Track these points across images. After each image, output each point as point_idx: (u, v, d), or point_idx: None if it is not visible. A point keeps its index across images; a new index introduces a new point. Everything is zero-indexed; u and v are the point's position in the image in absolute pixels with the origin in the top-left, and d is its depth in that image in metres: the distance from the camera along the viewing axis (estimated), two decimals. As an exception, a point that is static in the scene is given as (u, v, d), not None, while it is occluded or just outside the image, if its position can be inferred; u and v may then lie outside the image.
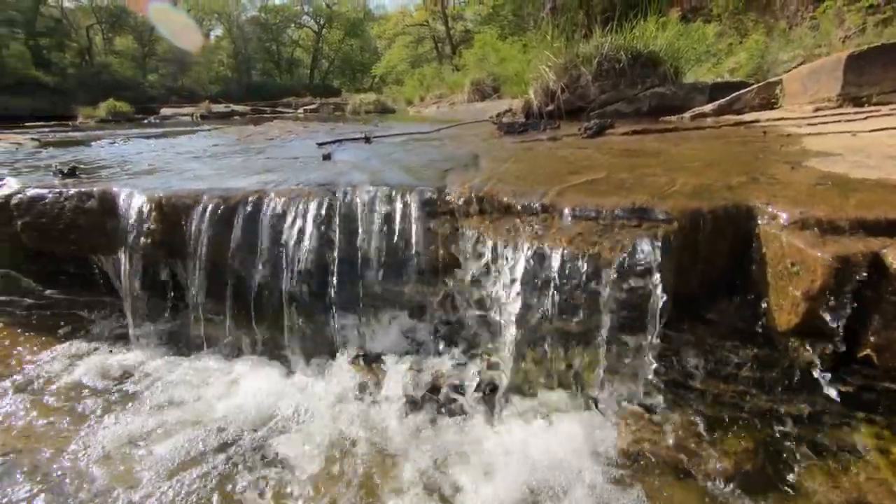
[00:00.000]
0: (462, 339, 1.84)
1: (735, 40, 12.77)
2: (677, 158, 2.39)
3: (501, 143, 3.34)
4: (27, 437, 1.67)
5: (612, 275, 1.51)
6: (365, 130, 4.85)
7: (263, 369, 1.95)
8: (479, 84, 12.98)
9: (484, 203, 1.88)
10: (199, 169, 2.66)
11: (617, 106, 5.62)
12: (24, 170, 2.66)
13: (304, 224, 1.94)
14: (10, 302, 2.50)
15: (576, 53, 5.67)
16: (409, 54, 26.81)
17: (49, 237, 2.19)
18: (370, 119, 12.17)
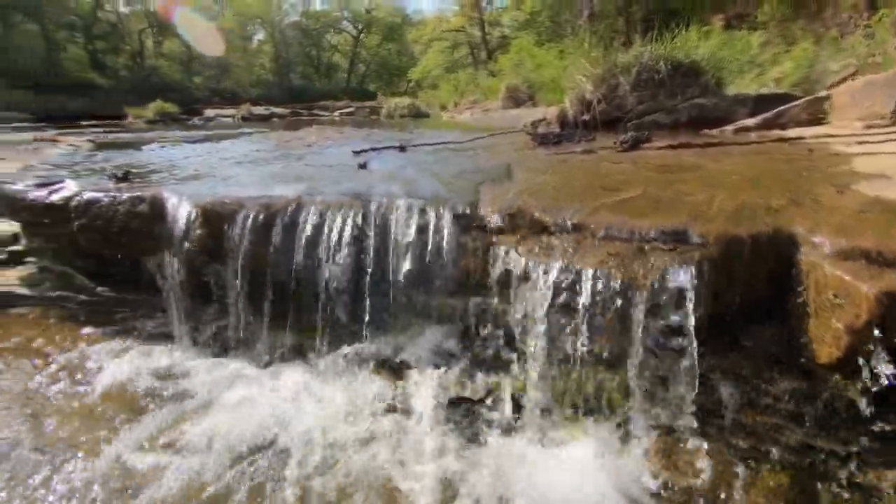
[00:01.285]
0: (490, 355, 1.85)
1: (781, 49, 12.32)
2: (716, 176, 2.34)
3: (535, 155, 3.34)
4: (77, 425, 1.78)
5: (644, 298, 1.49)
6: (400, 138, 4.93)
7: (295, 373, 2.01)
8: (514, 90, 12.94)
9: (516, 219, 1.89)
10: (242, 175, 2.77)
11: (655, 117, 5.51)
12: (82, 172, 2.83)
13: (340, 234, 2.00)
14: (65, 297, 2.66)
15: (614, 63, 5.60)
16: (445, 59, 26.98)
17: (103, 238, 2.33)
18: (404, 124, 12.31)
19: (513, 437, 1.62)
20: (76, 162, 3.22)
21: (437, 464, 1.53)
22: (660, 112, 5.52)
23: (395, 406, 1.75)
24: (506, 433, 1.63)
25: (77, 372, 2.15)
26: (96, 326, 2.48)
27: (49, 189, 2.44)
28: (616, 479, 1.42)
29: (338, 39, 39.41)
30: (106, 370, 2.13)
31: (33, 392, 2.01)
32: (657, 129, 5.29)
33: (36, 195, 2.42)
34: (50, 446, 1.69)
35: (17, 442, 1.71)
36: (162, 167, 3.03)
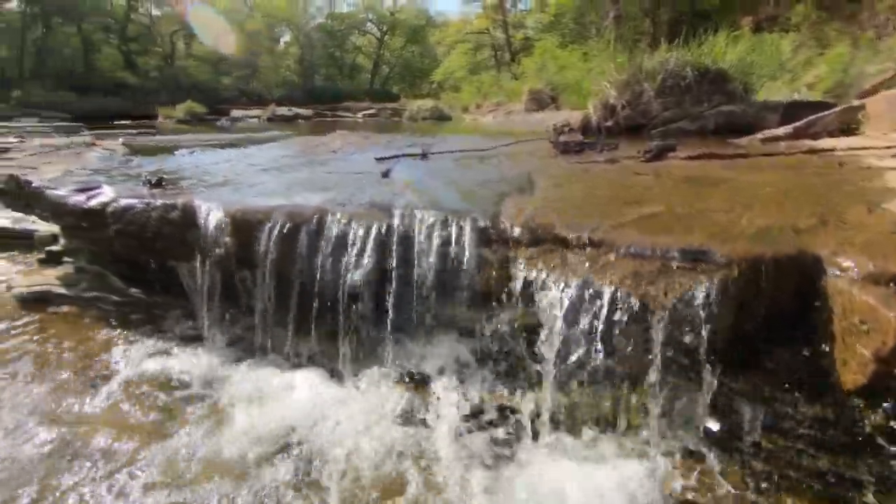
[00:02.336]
0: (508, 367, 1.87)
1: (815, 52, 11.99)
2: (742, 191, 2.31)
3: (557, 164, 3.34)
4: (108, 424, 1.87)
5: (664, 318, 1.49)
6: (422, 143, 4.98)
7: (318, 379, 2.07)
8: (537, 93, 12.89)
9: (537, 233, 1.90)
10: (268, 182, 2.85)
11: (680, 124, 5.44)
12: (118, 178, 2.95)
13: (363, 244, 2.04)
14: (100, 298, 2.77)
15: (639, 69, 5.55)
16: (468, 61, 27.01)
17: (137, 243, 2.43)
18: (426, 128, 12.38)
19: (529, 451, 1.63)
20: (112, 167, 3.35)
21: (456, 475, 1.56)
22: (685, 119, 5.44)
23: (414, 416, 1.79)
24: (523, 447, 1.65)
25: (107, 372, 2.24)
26: (129, 328, 2.58)
27: (88, 195, 2.55)
28: (631, 499, 1.42)
29: (362, 41, 39.85)
30: (135, 371, 2.21)
31: (66, 394, 2.10)
32: (682, 136, 5.21)
33: (76, 200, 2.53)
34: (82, 449, 1.77)
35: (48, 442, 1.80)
36: (193, 173, 3.14)
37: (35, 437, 1.80)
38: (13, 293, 2.88)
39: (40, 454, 1.71)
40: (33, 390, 2.09)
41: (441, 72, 27.59)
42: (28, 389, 2.10)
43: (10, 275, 3.36)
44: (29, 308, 2.83)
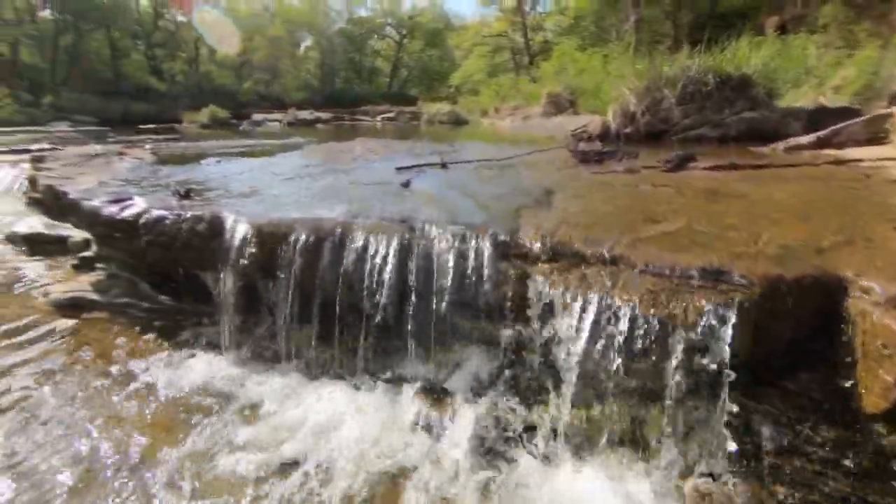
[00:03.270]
0: (526, 382, 1.90)
1: (843, 54, 11.72)
2: (764, 205, 2.29)
3: (576, 175, 3.34)
4: (135, 426, 1.95)
5: (682, 337, 1.50)
6: (441, 151, 5.02)
7: (337, 388, 2.12)
8: (556, 97, 12.86)
9: (555, 249, 1.92)
10: (292, 193, 2.92)
11: (702, 130, 5.38)
12: (148, 188, 3.06)
13: (384, 258, 2.09)
14: (131, 304, 2.88)
15: (659, 76, 5.51)
16: (486, 64, 27.01)
17: (167, 253, 2.52)
18: (444, 132, 12.43)
19: (547, 467, 1.65)
20: (142, 177, 3.47)
21: (471, 487, 1.59)
22: (706, 126, 5.39)
23: (430, 428, 1.82)
24: (538, 462, 1.67)
25: (134, 377, 2.33)
26: (157, 334, 2.67)
27: (120, 206, 2.65)
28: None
29: (381, 45, 40.24)
30: (162, 378, 2.30)
31: (98, 396, 2.19)
32: (703, 143, 5.16)
33: (109, 211, 2.64)
34: (116, 451, 1.85)
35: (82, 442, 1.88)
36: (219, 183, 3.23)
37: (77, 434, 1.89)
38: (50, 298, 3.01)
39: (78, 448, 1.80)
40: (68, 392, 2.19)
41: (459, 75, 27.63)
42: (63, 390, 2.21)
43: (47, 280, 3.51)
44: (64, 313, 2.95)
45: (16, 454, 1.82)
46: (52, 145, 7.03)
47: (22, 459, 1.79)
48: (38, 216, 4.35)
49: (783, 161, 3.52)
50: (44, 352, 2.54)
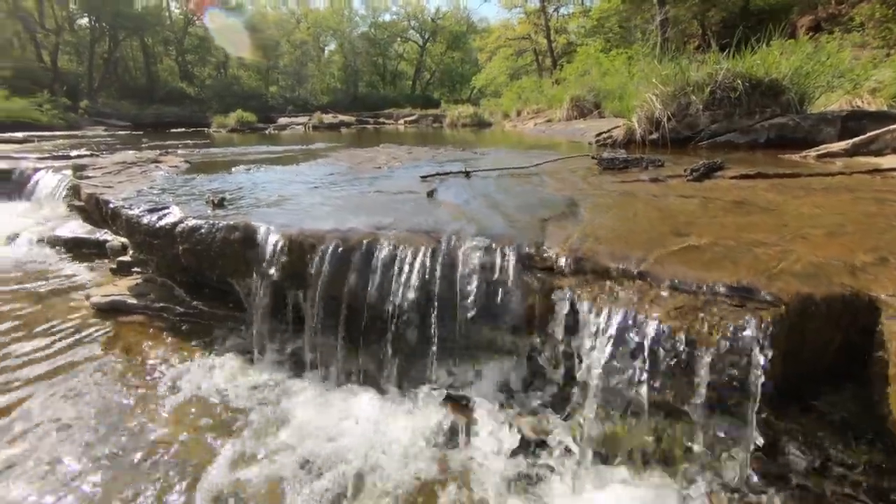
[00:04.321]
0: (549, 395, 1.91)
1: (881, 54, 11.35)
2: (794, 219, 2.26)
3: (600, 184, 3.34)
4: (169, 426, 2.03)
5: (709, 355, 1.50)
6: (464, 158, 5.07)
7: (364, 397, 2.17)
8: (579, 100, 12.79)
9: (580, 263, 1.94)
10: (320, 203, 2.99)
11: (730, 136, 5.30)
12: (184, 197, 3.18)
13: (410, 269, 2.13)
14: (166, 308, 3.00)
15: (686, 81, 5.44)
16: (509, 66, 27.01)
17: (202, 261, 2.62)
18: (467, 136, 12.47)
19: (568, 480, 1.67)
20: (177, 185, 3.60)
21: (495, 499, 1.62)
22: (735, 132, 5.30)
23: (455, 438, 1.86)
24: (562, 476, 1.68)
25: (169, 380, 2.43)
26: (190, 338, 2.78)
27: (158, 214, 2.77)
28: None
29: (404, 48, 40.60)
30: (195, 381, 2.39)
31: (134, 397, 2.30)
32: (731, 149, 5.08)
33: (148, 220, 2.76)
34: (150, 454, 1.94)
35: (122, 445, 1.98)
36: (249, 192, 3.34)
37: (114, 434, 1.99)
38: (91, 301, 3.16)
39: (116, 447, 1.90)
40: (105, 394, 2.30)
41: (482, 78, 27.69)
42: (103, 392, 2.32)
43: (88, 283, 3.68)
44: (104, 316, 3.09)
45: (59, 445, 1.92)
46: (90, 152, 7.34)
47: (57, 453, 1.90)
48: (79, 221, 4.56)
49: (814, 170, 3.44)
50: (86, 354, 2.67)
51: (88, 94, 26.86)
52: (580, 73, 15.88)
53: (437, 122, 20.87)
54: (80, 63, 29.21)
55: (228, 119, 20.40)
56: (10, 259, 4.29)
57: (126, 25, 28.73)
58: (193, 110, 26.42)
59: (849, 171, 3.29)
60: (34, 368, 2.53)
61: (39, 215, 5.24)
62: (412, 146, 6.27)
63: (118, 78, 29.76)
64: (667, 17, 15.90)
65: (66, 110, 22.69)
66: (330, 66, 38.93)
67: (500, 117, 18.03)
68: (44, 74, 25.82)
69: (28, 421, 2.11)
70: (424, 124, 21.36)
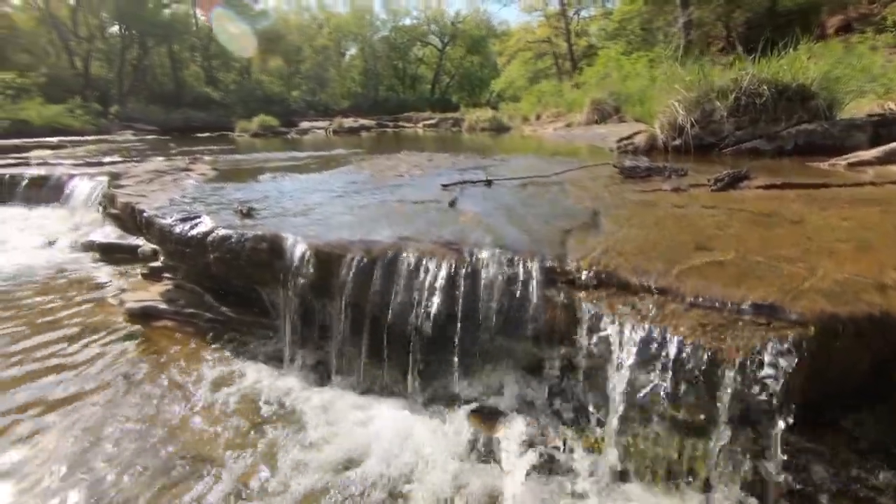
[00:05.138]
0: (571, 408, 1.93)
1: (914, 56, 11.01)
2: (822, 233, 2.23)
3: (622, 193, 3.33)
4: (198, 437, 2.11)
5: (733, 374, 1.50)
6: (484, 165, 5.10)
7: (388, 406, 2.22)
8: (600, 103, 12.69)
9: (602, 276, 1.95)
10: (342, 212, 3.05)
11: (755, 143, 5.21)
12: (213, 206, 3.28)
13: (434, 280, 2.17)
14: (196, 314, 3.10)
15: (710, 87, 5.37)
16: (528, 70, 26.94)
17: (232, 269, 2.70)
18: (486, 141, 12.50)
19: (591, 494, 1.68)
20: (207, 194, 3.72)
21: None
22: (760, 139, 5.22)
23: (479, 450, 1.89)
24: (585, 490, 1.70)
25: (198, 384, 2.51)
26: (218, 343, 2.87)
27: (190, 224, 2.87)
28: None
29: (423, 52, 40.85)
30: (221, 387, 2.47)
31: (164, 400, 2.39)
32: (757, 157, 5.01)
33: (181, 229, 2.86)
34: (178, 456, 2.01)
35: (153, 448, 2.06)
36: (275, 201, 3.42)
37: (149, 435, 2.08)
38: (126, 307, 3.28)
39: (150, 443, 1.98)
40: (132, 399, 2.40)
41: (501, 81, 27.69)
42: (136, 394, 2.42)
43: (121, 287, 3.82)
44: (136, 321, 3.21)
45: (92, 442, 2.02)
46: (122, 158, 7.61)
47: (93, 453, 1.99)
48: (112, 226, 4.74)
49: (843, 180, 3.38)
50: (120, 358, 2.78)
51: (118, 99, 27.71)
52: (601, 77, 15.76)
53: (455, 126, 20.94)
54: (110, 69, 30.15)
55: (251, 123, 20.82)
56: (49, 263, 4.48)
57: (155, 33, 29.59)
58: (219, 115, 27.01)
59: (880, 182, 3.22)
60: (71, 370, 2.65)
61: (74, 220, 5.45)
62: (433, 153, 6.33)
63: (146, 84, 30.63)
64: (690, 20, 15.67)
65: (97, 115, 23.46)
66: (350, 70, 39.43)
67: (519, 121, 17.99)
68: (76, 81, 26.75)
69: (65, 418, 2.22)
70: (443, 128, 21.45)
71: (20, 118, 18.64)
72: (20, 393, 2.46)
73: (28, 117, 19.03)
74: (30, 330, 3.15)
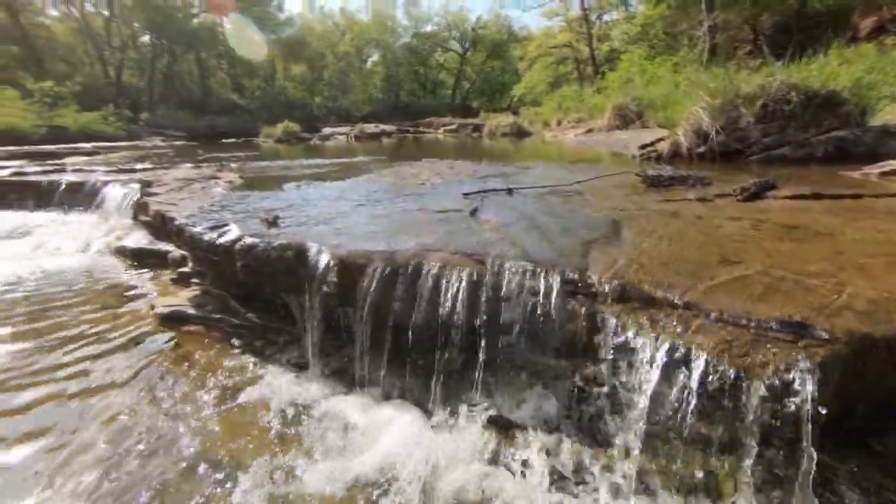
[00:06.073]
0: (592, 422, 1.92)
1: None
2: (852, 246, 2.18)
3: (645, 203, 3.31)
4: (222, 441, 2.17)
5: (760, 392, 1.48)
6: (505, 173, 5.11)
7: (409, 415, 2.24)
8: (622, 108, 12.56)
9: (625, 290, 1.94)
10: (365, 222, 3.10)
11: (783, 150, 5.11)
12: (240, 214, 3.38)
13: (456, 291, 2.19)
14: (223, 320, 3.18)
15: (736, 94, 5.29)
16: (549, 75, 26.84)
17: (258, 277, 2.78)
18: (507, 147, 12.49)
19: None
20: (234, 202, 3.82)
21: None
22: (789, 145, 5.11)
23: (499, 461, 1.89)
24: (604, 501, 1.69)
25: (223, 388, 2.58)
26: (244, 348, 2.94)
27: (219, 232, 2.96)
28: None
29: (444, 58, 41.09)
30: (247, 391, 2.53)
31: (190, 403, 2.46)
32: (785, 164, 4.90)
33: (210, 237, 2.95)
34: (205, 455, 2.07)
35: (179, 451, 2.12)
36: (299, 210, 3.50)
37: (177, 437, 2.14)
38: (156, 311, 3.39)
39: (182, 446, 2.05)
40: (163, 402, 2.47)
41: (522, 86, 27.65)
42: (162, 393, 2.51)
43: (152, 291, 3.95)
44: (167, 325, 3.31)
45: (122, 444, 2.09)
46: (152, 165, 7.86)
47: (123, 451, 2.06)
48: (143, 232, 4.90)
49: (876, 190, 3.28)
50: (151, 361, 2.87)
51: (148, 106, 28.56)
52: (623, 81, 15.60)
53: (476, 131, 20.98)
54: (141, 78, 31.13)
55: (275, 129, 21.18)
56: (84, 266, 4.65)
57: (184, 42, 30.44)
58: (244, 120, 27.57)
59: (915, 192, 3.12)
60: (106, 372, 2.74)
61: (107, 226, 5.64)
62: (454, 160, 6.36)
63: (175, 91, 31.51)
64: (715, 23, 15.40)
65: (128, 122, 24.21)
66: (372, 76, 39.90)
67: (540, 126, 17.94)
68: (108, 89, 27.68)
69: (98, 418, 2.30)
70: (464, 133, 21.51)
71: (57, 125, 19.40)
72: (55, 385, 2.57)
73: (64, 124, 19.79)
74: (65, 331, 3.28)
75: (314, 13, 39.68)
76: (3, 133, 16.39)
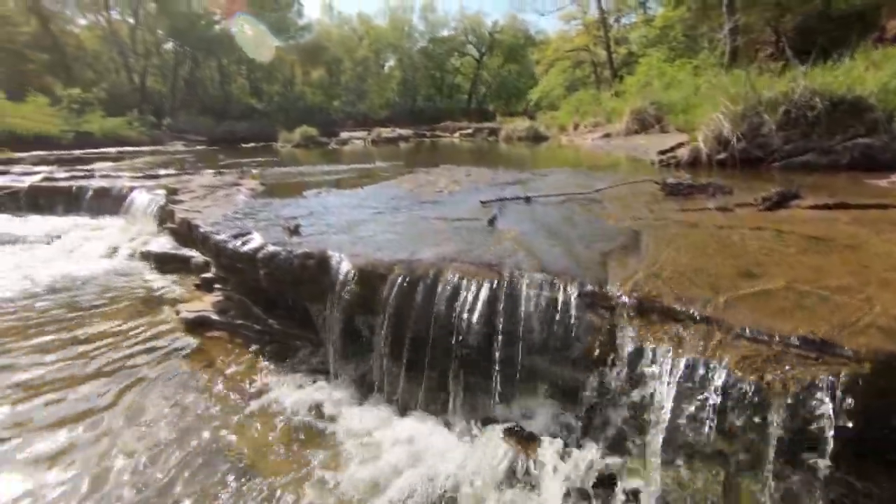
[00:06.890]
0: (610, 435, 1.92)
1: None
2: (878, 260, 2.14)
3: (664, 212, 3.29)
4: (242, 446, 2.22)
5: (781, 409, 1.48)
6: (523, 179, 5.12)
7: (426, 424, 2.27)
8: (640, 113, 12.44)
9: (643, 303, 1.94)
10: (385, 230, 3.15)
11: (807, 157, 5.02)
12: (263, 222, 3.45)
13: (474, 301, 2.22)
14: (245, 325, 3.26)
15: (758, 100, 5.21)
16: (566, 78, 26.71)
17: (281, 284, 2.84)
18: (523, 152, 12.48)
19: (633, 524, 1.68)
20: (256, 210, 3.91)
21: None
22: (813, 152, 5.02)
23: (516, 473, 1.91)
24: (626, 519, 1.70)
25: (246, 393, 2.64)
26: (267, 356, 3.00)
27: (242, 240, 3.03)
28: None
29: (461, 62, 41.21)
30: (268, 396, 2.59)
31: (214, 407, 2.52)
32: (809, 172, 4.82)
33: (234, 245, 3.02)
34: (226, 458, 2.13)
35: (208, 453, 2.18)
36: (320, 218, 3.56)
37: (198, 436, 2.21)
38: (181, 316, 3.48)
39: (209, 467, 2.11)
40: (187, 404, 2.55)
41: (538, 90, 27.56)
42: (187, 396, 2.58)
43: (176, 296, 4.05)
44: (191, 330, 3.40)
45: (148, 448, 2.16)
46: (176, 171, 8.05)
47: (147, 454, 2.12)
48: (168, 237, 5.02)
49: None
50: (176, 365, 2.96)
51: (170, 112, 29.23)
52: (641, 85, 15.46)
53: (492, 136, 21.00)
54: (164, 84, 31.89)
55: (294, 134, 21.52)
56: (111, 270, 4.79)
57: (205, 48, 31.09)
58: (263, 125, 28.00)
59: (945, 202, 3.05)
60: (134, 376, 2.83)
61: (133, 231, 5.80)
62: (471, 167, 6.39)
63: (197, 97, 32.19)
64: (737, 25, 15.16)
65: (151, 127, 24.84)
66: (389, 80, 40.24)
67: (557, 131, 17.86)
68: (133, 95, 28.42)
69: (127, 422, 2.38)
70: (480, 137, 21.54)
71: (84, 130, 20.03)
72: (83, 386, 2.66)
73: (91, 129, 20.43)
74: (95, 332, 3.39)
75: (332, 19, 40.23)
76: (35, 138, 16.99)
